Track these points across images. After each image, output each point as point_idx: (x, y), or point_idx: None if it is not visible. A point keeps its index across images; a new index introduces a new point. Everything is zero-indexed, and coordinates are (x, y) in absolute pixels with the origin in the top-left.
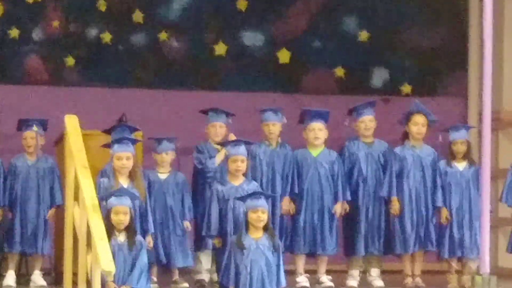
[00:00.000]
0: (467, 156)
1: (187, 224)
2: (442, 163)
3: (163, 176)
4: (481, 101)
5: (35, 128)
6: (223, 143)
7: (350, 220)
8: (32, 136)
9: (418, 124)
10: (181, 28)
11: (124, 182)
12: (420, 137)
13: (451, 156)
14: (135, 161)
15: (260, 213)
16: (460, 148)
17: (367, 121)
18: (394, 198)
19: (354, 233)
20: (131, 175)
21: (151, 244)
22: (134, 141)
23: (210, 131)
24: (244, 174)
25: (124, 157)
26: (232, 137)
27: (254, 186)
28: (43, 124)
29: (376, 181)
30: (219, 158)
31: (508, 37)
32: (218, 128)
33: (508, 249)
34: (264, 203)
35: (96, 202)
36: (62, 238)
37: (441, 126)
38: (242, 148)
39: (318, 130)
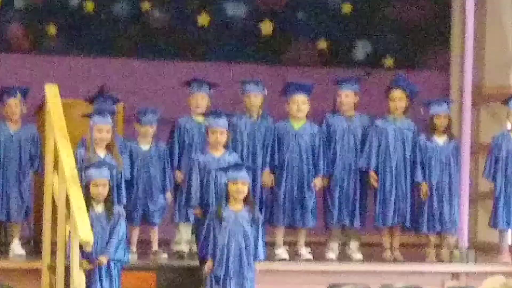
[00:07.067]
0: (447, 130)
1: (169, 195)
2: (422, 138)
3: (145, 147)
4: (462, 75)
5: (18, 95)
6: (205, 115)
7: (328, 193)
8: (16, 103)
9: (395, 100)
10: None
11: (101, 153)
12: (398, 112)
13: (431, 130)
14: (114, 133)
15: (240, 185)
16: (442, 122)
17: (343, 96)
18: (372, 171)
19: (331, 206)
20: (109, 146)
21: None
22: (114, 113)
23: (191, 102)
24: (225, 146)
25: (105, 129)
26: None
27: (235, 157)
28: (25, 93)
29: (354, 155)
30: None
31: (491, 12)
32: (200, 100)
33: (490, 223)
34: (245, 175)
35: (75, 172)
36: (42, 207)
37: (422, 100)
38: (222, 120)
39: (301, 103)
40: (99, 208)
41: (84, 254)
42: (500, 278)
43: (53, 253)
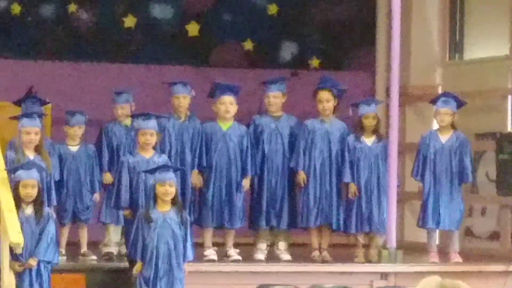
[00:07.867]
0: (376, 131)
1: (97, 196)
2: (350, 138)
3: (74, 148)
4: (389, 75)
5: None
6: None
7: (255, 194)
8: None
9: (322, 101)
10: (90, 0)
11: (30, 155)
12: (327, 113)
13: (360, 130)
14: (42, 135)
15: (167, 187)
16: (371, 122)
17: (271, 97)
18: (301, 171)
19: (258, 206)
20: (38, 148)
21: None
22: (42, 116)
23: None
24: (154, 147)
25: (33, 132)
26: None
27: (164, 159)
28: None
29: (281, 155)
30: None
31: (416, 12)
32: (119, 110)
33: (419, 223)
34: (172, 176)
35: (5, 174)
36: None
37: (349, 100)
38: (151, 122)
39: (229, 104)
40: (28, 210)
41: (14, 256)
42: (436, 278)
43: None
